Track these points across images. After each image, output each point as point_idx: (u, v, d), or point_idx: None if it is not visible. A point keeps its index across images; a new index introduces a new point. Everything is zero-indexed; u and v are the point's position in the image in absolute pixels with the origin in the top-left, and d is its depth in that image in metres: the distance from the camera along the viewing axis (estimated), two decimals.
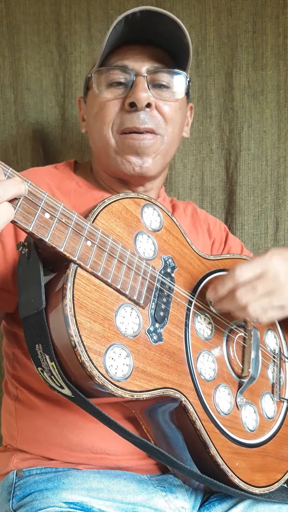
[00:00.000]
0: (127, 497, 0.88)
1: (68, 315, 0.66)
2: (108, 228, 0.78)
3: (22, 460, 0.94)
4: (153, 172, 1.03)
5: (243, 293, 0.81)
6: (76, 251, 0.69)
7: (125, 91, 0.99)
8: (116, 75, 0.99)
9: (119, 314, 0.74)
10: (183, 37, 0.98)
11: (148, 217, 0.87)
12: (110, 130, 1.00)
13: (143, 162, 1.00)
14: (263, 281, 0.82)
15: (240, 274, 0.81)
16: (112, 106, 0.99)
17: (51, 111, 1.43)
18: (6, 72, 1.40)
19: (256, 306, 0.82)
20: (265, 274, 0.82)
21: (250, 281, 0.82)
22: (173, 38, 0.99)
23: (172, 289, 0.85)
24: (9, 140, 1.41)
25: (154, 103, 0.99)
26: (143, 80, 0.98)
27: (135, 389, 0.71)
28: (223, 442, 0.84)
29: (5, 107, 1.41)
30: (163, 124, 1.01)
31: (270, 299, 0.82)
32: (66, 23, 1.41)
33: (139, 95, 0.96)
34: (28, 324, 0.70)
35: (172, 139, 1.04)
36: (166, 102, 1.01)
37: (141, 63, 0.99)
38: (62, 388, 0.71)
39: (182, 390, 0.79)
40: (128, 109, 0.98)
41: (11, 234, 0.91)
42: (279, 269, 0.82)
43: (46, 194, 0.67)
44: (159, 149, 1.01)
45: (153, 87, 1.00)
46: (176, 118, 1.03)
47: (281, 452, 0.95)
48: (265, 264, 0.82)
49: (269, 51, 1.42)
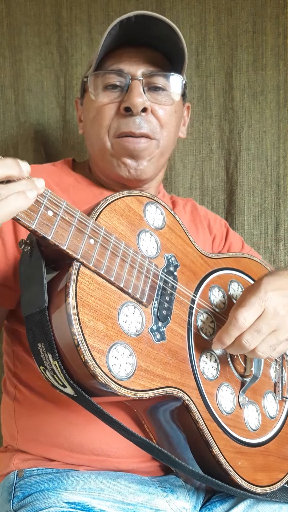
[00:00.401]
0: (128, 498, 0.87)
1: (71, 313, 0.66)
2: (111, 226, 0.78)
3: (23, 461, 0.93)
4: (148, 175, 1.03)
5: (249, 339, 0.79)
6: (79, 249, 0.69)
7: (121, 95, 0.99)
8: (111, 79, 0.99)
9: (122, 312, 0.73)
10: (178, 42, 0.98)
11: (151, 215, 0.86)
12: (107, 134, 1.00)
13: (138, 164, 1.01)
14: (265, 321, 0.79)
15: (243, 320, 0.78)
16: (108, 110, 1.00)
17: (52, 113, 1.43)
18: (6, 73, 1.40)
19: (264, 347, 0.80)
20: (265, 313, 0.80)
21: (253, 325, 0.79)
22: (168, 41, 0.99)
23: (175, 287, 0.85)
24: (9, 140, 1.41)
25: (149, 107, 0.99)
26: (138, 84, 0.97)
27: (138, 388, 0.71)
28: (225, 441, 0.83)
29: (5, 108, 1.41)
30: (158, 129, 1.01)
31: (276, 336, 0.81)
32: (67, 25, 1.42)
33: (134, 100, 0.96)
34: (31, 322, 0.70)
35: (168, 142, 1.04)
36: (162, 106, 1.01)
37: (137, 66, 0.99)
38: (64, 387, 0.70)
39: (184, 389, 0.79)
40: (123, 113, 0.98)
41: (10, 230, 0.91)
42: (277, 304, 0.80)
43: (49, 192, 0.66)
44: (153, 152, 1.02)
45: (149, 90, 1.00)
46: (171, 121, 1.04)
47: (283, 451, 0.95)
48: (263, 302, 0.80)
49: (269, 51, 1.42)
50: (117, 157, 1.01)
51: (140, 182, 1.05)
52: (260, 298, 0.80)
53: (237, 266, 1.02)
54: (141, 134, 0.98)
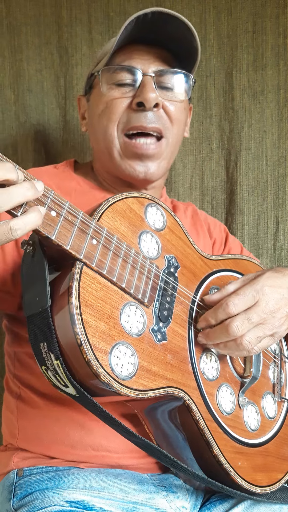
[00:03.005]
0: (128, 496, 0.88)
1: (74, 313, 0.66)
2: (113, 227, 0.78)
3: (22, 459, 0.94)
4: (157, 177, 1.04)
5: (238, 325, 0.79)
6: (82, 249, 0.69)
7: (132, 90, 0.99)
8: (123, 75, 0.99)
9: (124, 313, 0.74)
10: (193, 41, 0.99)
11: (152, 217, 0.87)
12: (116, 128, 1.00)
13: (148, 168, 1.01)
14: (256, 311, 0.81)
15: (232, 306, 0.80)
16: (119, 104, 0.99)
17: (52, 113, 1.43)
18: (6, 73, 1.40)
19: (251, 336, 0.81)
20: (257, 305, 0.81)
21: (244, 313, 0.81)
22: (183, 41, 0.99)
23: (176, 288, 0.85)
24: (8, 139, 1.41)
25: (161, 103, 0.99)
26: (150, 80, 0.98)
27: (140, 388, 0.71)
28: (226, 441, 0.84)
29: (4, 107, 1.41)
30: (168, 124, 1.01)
31: (263, 329, 0.82)
32: (67, 26, 1.42)
33: (148, 95, 0.96)
34: (33, 322, 0.70)
35: (176, 140, 1.05)
36: (173, 103, 1.02)
37: (148, 64, 1.00)
38: (66, 387, 0.70)
39: (185, 390, 0.79)
40: (135, 108, 0.98)
41: None
42: (270, 299, 0.82)
43: (52, 192, 0.67)
44: (163, 154, 1.02)
45: (159, 87, 1.00)
46: (181, 118, 1.04)
47: (282, 452, 0.95)
48: (257, 295, 0.82)
49: (269, 51, 1.43)
50: (126, 159, 1.01)
51: (147, 183, 1.06)
52: (255, 290, 0.82)
53: (236, 268, 1.03)
54: (152, 128, 0.99)
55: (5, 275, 0.90)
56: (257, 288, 0.82)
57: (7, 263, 0.90)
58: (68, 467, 0.91)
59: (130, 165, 1.01)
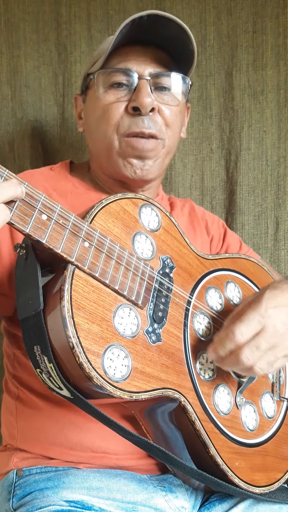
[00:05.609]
0: (127, 496, 0.88)
1: (66, 316, 0.66)
2: (106, 228, 0.78)
3: (22, 460, 0.94)
4: (153, 175, 1.04)
5: (248, 355, 0.77)
6: (74, 252, 0.69)
7: (128, 93, 0.99)
8: (118, 77, 0.99)
9: (117, 315, 0.74)
10: (189, 43, 0.98)
11: (146, 217, 0.87)
12: (115, 132, 1.00)
13: (144, 164, 1.01)
14: (264, 338, 0.78)
15: (239, 335, 0.77)
16: (115, 109, 0.99)
17: (49, 110, 1.43)
18: (3, 69, 1.40)
19: (263, 363, 0.79)
20: (264, 330, 0.78)
21: (252, 340, 0.78)
22: (179, 43, 0.99)
23: (171, 289, 0.86)
24: (5, 136, 1.41)
25: (157, 107, 0.99)
26: (146, 84, 0.98)
27: (134, 390, 0.71)
28: (222, 442, 0.84)
29: (1, 103, 1.41)
30: (164, 128, 1.01)
31: (275, 352, 0.80)
32: (66, 23, 1.42)
33: (144, 100, 0.96)
34: (26, 325, 0.71)
35: (172, 142, 1.05)
36: (168, 106, 1.01)
37: (144, 66, 0.99)
38: (60, 390, 0.71)
39: (181, 391, 0.79)
40: (131, 112, 0.98)
41: (7, 237, 0.91)
42: (277, 322, 0.79)
43: (43, 196, 0.67)
44: (160, 153, 1.02)
45: (155, 90, 1.00)
46: (176, 122, 1.04)
47: (281, 451, 0.95)
48: (262, 319, 0.79)
49: (269, 51, 1.42)
50: (124, 156, 1.01)
51: (143, 183, 1.06)
52: (260, 315, 0.79)
53: (233, 267, 1.02)
54: (150, 134, 0.99)
55: (2, 277, 0.90)
56: (261, 313, 0.79)
57: (4, 266, 0.91)
58: (67, 467, 0.91)
59: (128, 161, 1.01)
